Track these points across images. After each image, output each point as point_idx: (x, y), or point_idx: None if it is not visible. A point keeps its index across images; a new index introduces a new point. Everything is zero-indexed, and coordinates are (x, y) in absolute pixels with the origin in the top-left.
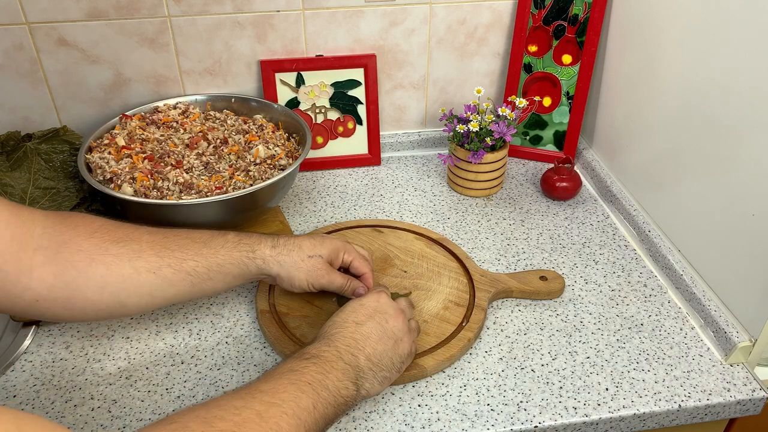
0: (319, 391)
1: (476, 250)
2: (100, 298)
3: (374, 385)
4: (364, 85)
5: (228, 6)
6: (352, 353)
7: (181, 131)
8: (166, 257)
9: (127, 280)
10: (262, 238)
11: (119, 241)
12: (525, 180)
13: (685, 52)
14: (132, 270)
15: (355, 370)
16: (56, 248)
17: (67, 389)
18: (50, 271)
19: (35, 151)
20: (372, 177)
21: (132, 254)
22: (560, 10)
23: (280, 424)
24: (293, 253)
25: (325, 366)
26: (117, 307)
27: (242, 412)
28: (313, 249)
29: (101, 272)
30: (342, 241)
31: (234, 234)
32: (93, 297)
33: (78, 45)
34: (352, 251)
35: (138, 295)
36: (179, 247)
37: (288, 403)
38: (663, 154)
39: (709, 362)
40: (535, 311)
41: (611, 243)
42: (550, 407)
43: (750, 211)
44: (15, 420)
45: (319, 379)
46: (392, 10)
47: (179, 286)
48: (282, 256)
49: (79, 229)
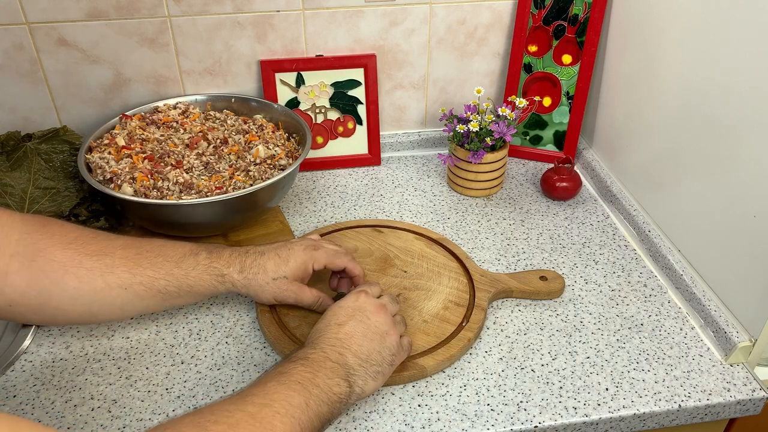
0: (310, 389)
1: (476, 250)
2: (72, 308)
3: (367, 382)
4: (364, 85)
5: (228, 6)
6: (339, 352)
7: (181, 131)
8: (138, 275)
9: (99, 294)
10: (232, 259)
11: (93, 255)
12: (525, 180)
13: (685, 52)
14: (104, 284)
15: (344, 368)
16: (31, 256)
17: (67, 389)
18: (24, 278)
19: (35, 151)
20: (372, 177)
21: (105, 269)
22: (560, 10)
23: (274, 423)
24: (258, 276)
25: (313, 366)
26: (88, 316)
27: (235, 414)
28: (276, 271)
29: (74, 284)
30: (308, 252)
31: (205, 255)
32: (64, 306)
33: (78, 45)
34: (321, 259)
35: (109, 307)
36: (151, 265)
37: (279, 402)
38: (663, 154)
39: (709, 362)
40: (535, 311)
41: (611, 243)
42: (550, 407)
43: (750, 211)
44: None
45: (309, 378)
46: (392, 10)
47: (149, 301)
48: (248, 280)
49: (55, 239)
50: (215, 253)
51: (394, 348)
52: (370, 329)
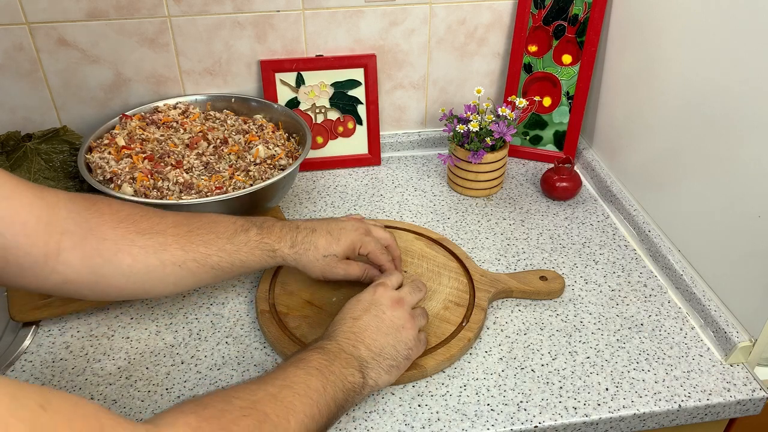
0: (326, 375)
1: (476, 250)
2: (126, 285)
3: (381, 375)
4: (364, 85)
5: (228, 6)
6: (353, 345)
7: (181, 131)
8: (190, 252)
9: (153, 271)
10: (283, 234)
11: (145, 233)
12: (525, 180)
13: (685, 52)
14: (158, 262)
15: (358, 360)
16: (83, 234)
17: (67, 389)
18: (77, 256)
19: (35, 151)
20: (372, 177)
21: (158, 247)
22: (560, 10)
23: (294, 403)
24: (309, 252)
25: (329, 355)
26: (141, 293)
27: (257, 392)
28: (327, 249)
29: (127, 262)
30: (359, 233)
31: (256, 230)
32: (118, 284)
33: (78, 45)
34: (368, 244)
35: (163, 284)
36: (204, 243)
37: (299, 384)
38: (663, 154)
39: (709, 362)
40: (535, 311)
41: (611, 243)
42: (550, 407)
43: (750, 211)
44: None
45: (325, 365)
46: (392, 10)
47: (202, 276)
48: (299, 255)
49: (105, 217)
50: (266, 228)
51: (410, 342)
52: (384, 323)
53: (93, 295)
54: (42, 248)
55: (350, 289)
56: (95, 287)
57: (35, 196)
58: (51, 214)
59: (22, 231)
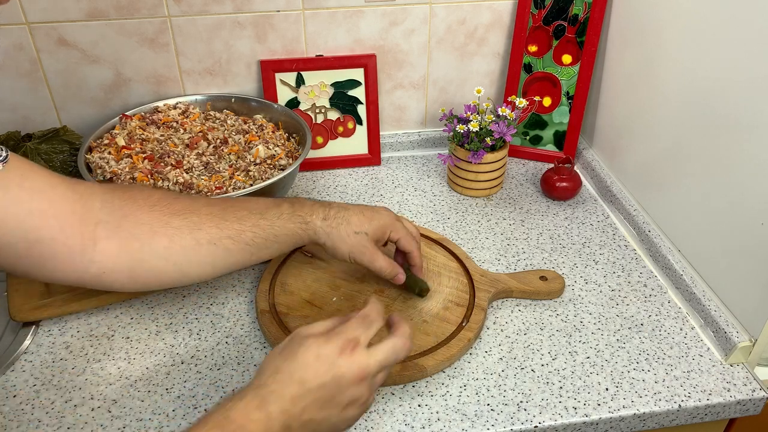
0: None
1: (476, 250)
2: (164, 268)
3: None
4: (364, 85)
5: (228, 6)
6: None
7: (181, 131)
8: (225, 229)
9: (189, 252)
10: (315, 208)
11: (179, 214)
12: (525, 180)
13: (685, 51)
14: (194, 242)
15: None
16: (117, 222)
17: (67, 389)
18: (114, 243)
19: (35, 151)
20: (372, 177)
21: (193, 226)
22: (560, 10)
23: None
24: (341, 227)
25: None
26: (179, 276)
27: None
28: (360, 225)
29: (164, 244)
30: (391, 218)
31: (288, 205)
32: (156, 268)
33: (78, 45)
34: (400, 230)
35: (200, 264)
36: (237, 219)
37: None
38: (663, 154)
39: (709, 362)
40: (535, 311)
41: (611, 243)
42: (550, 407)
43: (750, 211)
44: None
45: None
46: (392, 10)
47: (238, 255)
48: (331, 228)
49: (138, 202)
50: (298, 204)
51: (350, 420)
52: (334, 400)
53: (131, 284)
54: (78, 240)
55: (350, 289)
56: (133, 275)
57: (69, 189)
58: (85, 206)
59: (57, 224)
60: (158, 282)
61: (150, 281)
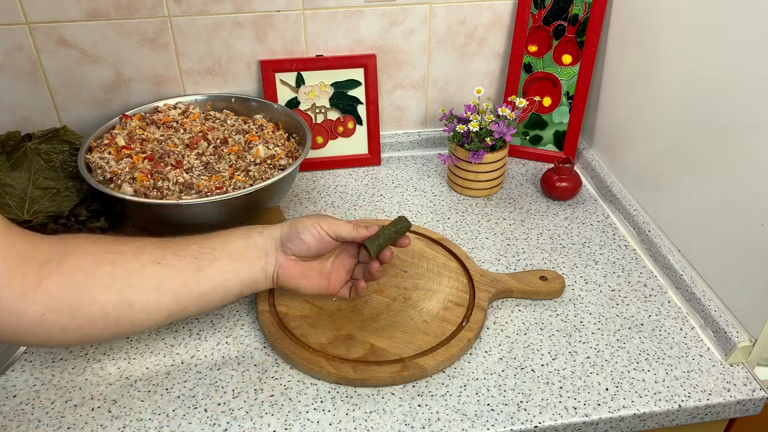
0: None
1: (476, 250)
2: (107, 299)
3: None
4: (364, 85)
5: (228, 6)
6: None
7: (181, 131)
8: (169, 248)
9: (133, 275)
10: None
11: (123, 242)
12: (525, 180)
13: (685, 51)
14: (138, 264)
15: None
16: (60, 258)
17: (67, 389)
18: (57, 280)
19: (35, 151)
20: (372, 177)
21: (136, 249)
22: (560, 10)
23: None
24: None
25: None
26: (124, 307)
27: None
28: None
29: (107, 271)
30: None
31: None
32: (100, 298)
33: (78, 45)
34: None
35: (145, 289)
36: (182, 239)
37: None
38: (663, 154)
39: (709, 362)
40: (535, 311)
41: (611, 243)
42: (550, 407)
43: (750, 211)
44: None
45: None
46: (392, 10)
47: (185, 274)
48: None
49: (83, 239)
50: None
51: None
52: None
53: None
54: (21, 280)
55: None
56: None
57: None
58: (32, 249)
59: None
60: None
61: (93, 316)
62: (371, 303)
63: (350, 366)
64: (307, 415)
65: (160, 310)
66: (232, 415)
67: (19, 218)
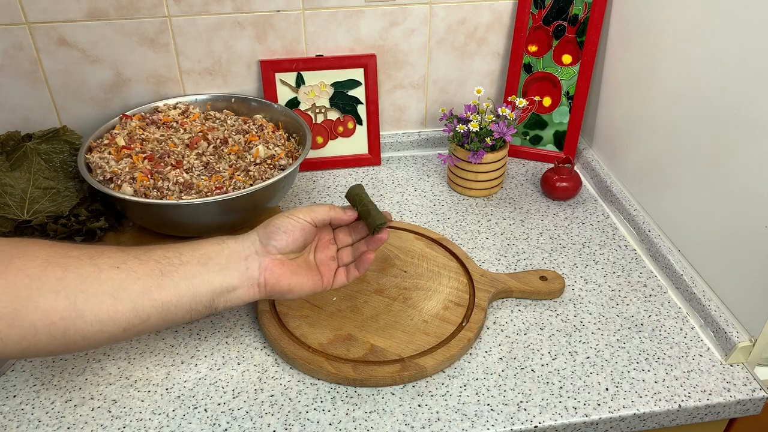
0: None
1: (476, 250)
2: (53, 305)
3: None
4: (364, 85)
5: (228, 6)
6: None
7: (181, 131)
8: (132, 252)
9: (87, 280)
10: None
11: (82, 247)
12: (525, 180)
13: (685, 52)
14: (93, 268)
15: None
16: (8, 261)
17: (67, 389)
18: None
19: (35, 151)
20: (372, 177)
21: (94, 253)
22: (560, 10)
23: None
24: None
25: None
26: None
27: None
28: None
29: (57, 275)
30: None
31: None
32: (44, 304)
33: (78, 45)
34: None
35: (98, 296)
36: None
37: None
38: (663, 154)
39: (709, 362)
40: (535, 311)
41: (611, 243)
42: (550, 407)
43: (750, 211)
44: None
45: None
46: (392, 10)
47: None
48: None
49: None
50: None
51: None
52: None
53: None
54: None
55: (349, 288)
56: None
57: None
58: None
59: None
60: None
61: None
62: (371, 303)
63: (350, 366)
64: (307, 415)
65: (115, 322)
66: (232, 415)
67: (19, 218)
